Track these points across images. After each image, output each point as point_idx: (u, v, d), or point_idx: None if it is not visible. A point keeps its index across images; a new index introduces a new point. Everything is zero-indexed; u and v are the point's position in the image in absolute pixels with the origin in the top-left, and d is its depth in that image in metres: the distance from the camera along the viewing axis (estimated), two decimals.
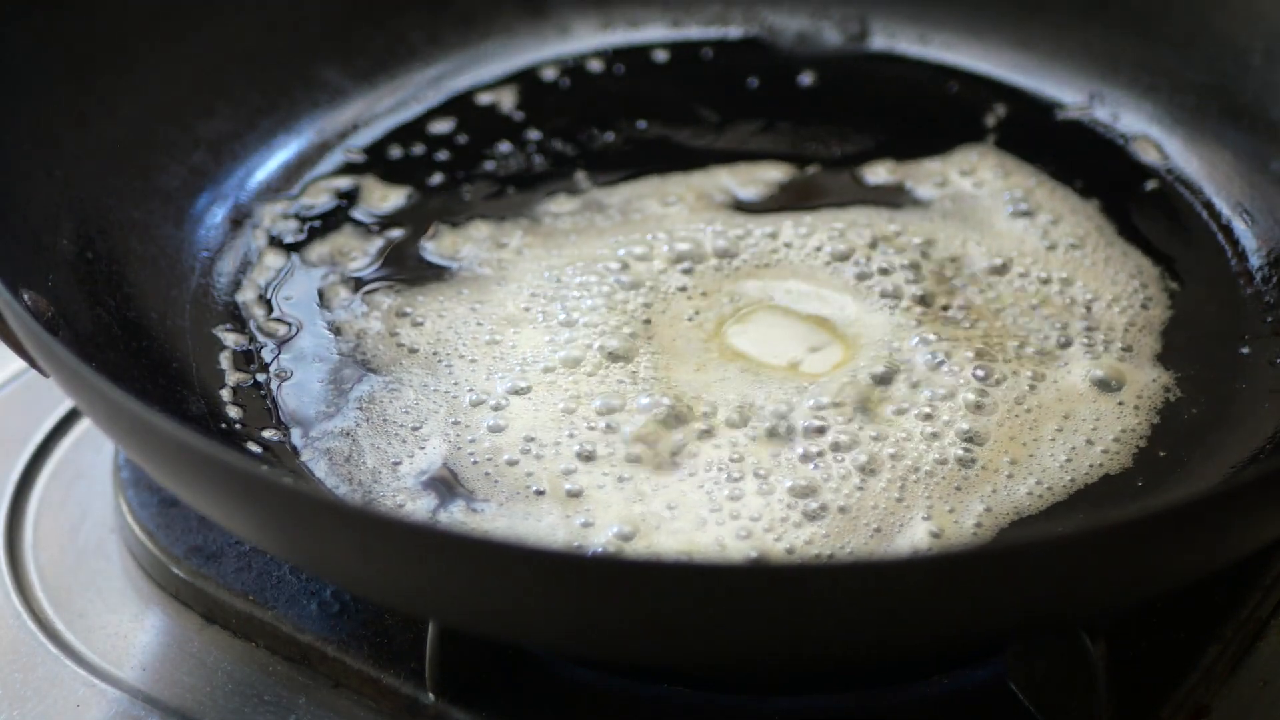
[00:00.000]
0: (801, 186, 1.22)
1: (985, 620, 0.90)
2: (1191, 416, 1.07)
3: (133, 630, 1.05)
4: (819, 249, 1.17)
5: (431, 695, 0.99)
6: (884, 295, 1.13)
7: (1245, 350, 1.11)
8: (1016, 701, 0.98)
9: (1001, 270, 1.16)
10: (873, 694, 1.00)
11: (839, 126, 1.28)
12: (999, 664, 0.99)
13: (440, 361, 1.10)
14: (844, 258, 1.16)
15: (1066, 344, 1.11)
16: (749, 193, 1.22)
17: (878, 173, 1.23)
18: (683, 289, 1.15)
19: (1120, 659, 0.97)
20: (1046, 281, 1.15)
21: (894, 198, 1.21)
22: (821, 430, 1.05)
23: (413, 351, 1.11)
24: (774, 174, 1.23)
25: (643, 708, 0.99)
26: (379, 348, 1.11)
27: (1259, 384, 1.10)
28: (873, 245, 1.17)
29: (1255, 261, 1.16)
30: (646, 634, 0.90)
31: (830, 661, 0.98)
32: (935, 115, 1.28)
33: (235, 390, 1.09)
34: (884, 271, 1.15)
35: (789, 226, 1.18)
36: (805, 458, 1.04)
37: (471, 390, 1.08)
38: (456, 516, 1.02)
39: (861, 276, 1.15)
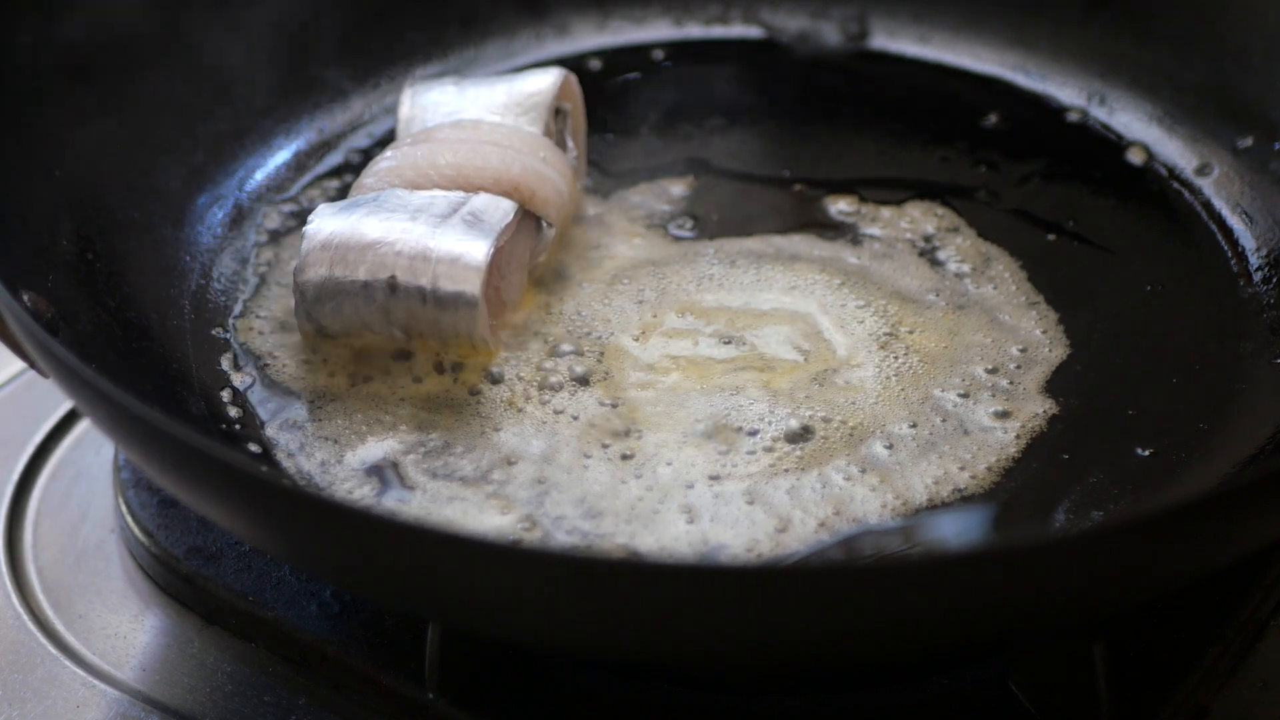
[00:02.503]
0: (791, 199, 1.23)
1: (984, 623, 0.90)
2: (1191, 417, 1.07)
3: (132, 631, 1.05)
4: (794, 258, 1.17)
5: (431, 695, 0.99)
6: (860, 307, 1.13)
7: (1245, 350, 1.11)
8: (1016, 702, 0.98)
9: (987, 270, 1.16)
10: (873, 694, 1.00)
11: (838, 127, 1.28)
12: (999, 664, 0.99)
13: (431, 363, 1.10)
14: (827, 270, 1.16)
15: (1061, 344, 1.11)
16: (738, 202, 1.22)
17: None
18: (661, 292, 1.15)
19: (1120, 659, 0.97)
20: (1040, 282, 1.15)
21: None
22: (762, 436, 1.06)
23: (404, 352, 1.11)
24: (767, 179, 1.23)
25: (643, 708, 0.99)
26: (372, 347, 1.11)
27: (1259, 384, 1.09)
28: (856, 242, 1.18)
29: (1254, 261, 1.16)
30: (645, 633, 0.90)
31: (827, 662, 0.99)
32: (935, 115, 1.28)
33: (235, 391, 1.09)
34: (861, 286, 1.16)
35: (771, 242, 1.18)
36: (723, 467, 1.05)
37: (458, 390, 1.08)
38: (445, 513, 1.02)
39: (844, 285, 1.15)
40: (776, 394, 1.08)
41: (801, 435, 1.06)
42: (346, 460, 1.05)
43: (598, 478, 1.04)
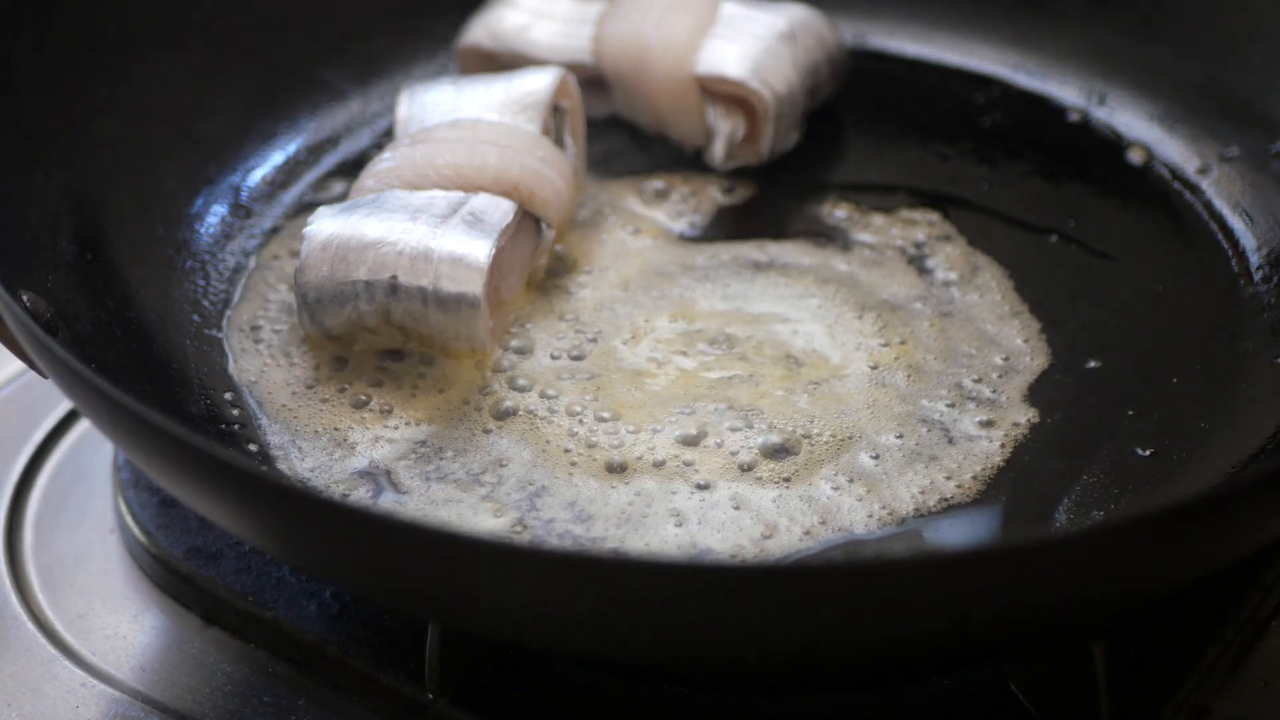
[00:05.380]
0: (788, 201, 1.22)
1: (985, 622, 0.90)
2: (1191, 417, 1.07)
3: (132, 631, 1.05)
4: (787, 265, 1.17)
5: (431, 695, 0.99)
6: (849, 316, 1.13)
7: (1245, 350, 1.11)
8: (1016, 702, 0.98)
9: (974, 278, 1.16)
10: (873, 694, 0.99)
11: (837, 127, 1.28)
12: (999, 664, 0.99)
13: (427, 365, 1.10)
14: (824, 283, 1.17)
15: (1043, 353, 1.11)
16: (735, 203, 1.22)
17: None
18: (655, 296, 1.15)
19: (1120, 659, 0.97)
20: (1026, 290, 1.15)
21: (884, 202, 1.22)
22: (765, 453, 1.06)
23: (401, 354, 1.10)
24: (764, 180, 1.23)
25: (643, 708, 0.99)
26: (371, 348, 1.11)
27: (1259, 384, 1.09)
28: (845, 250, 1.18)
29: (1255, 261, 1.16)
30: (644, 633, 0.90)
31: (825, 663, 0.99)
32: (935, 115, 1.28)
33: (234, 391, 1.09)
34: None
35: (765, 248, 1.18)
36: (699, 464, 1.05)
37: (452, 393, 1.08)
38: (439, 516, 1.02)
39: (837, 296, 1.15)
40: (764, 402, 1.08)
41: (788, 444, 1.06)
42: (341, 464, 1.05)
43: (587, 481, 1.04)
